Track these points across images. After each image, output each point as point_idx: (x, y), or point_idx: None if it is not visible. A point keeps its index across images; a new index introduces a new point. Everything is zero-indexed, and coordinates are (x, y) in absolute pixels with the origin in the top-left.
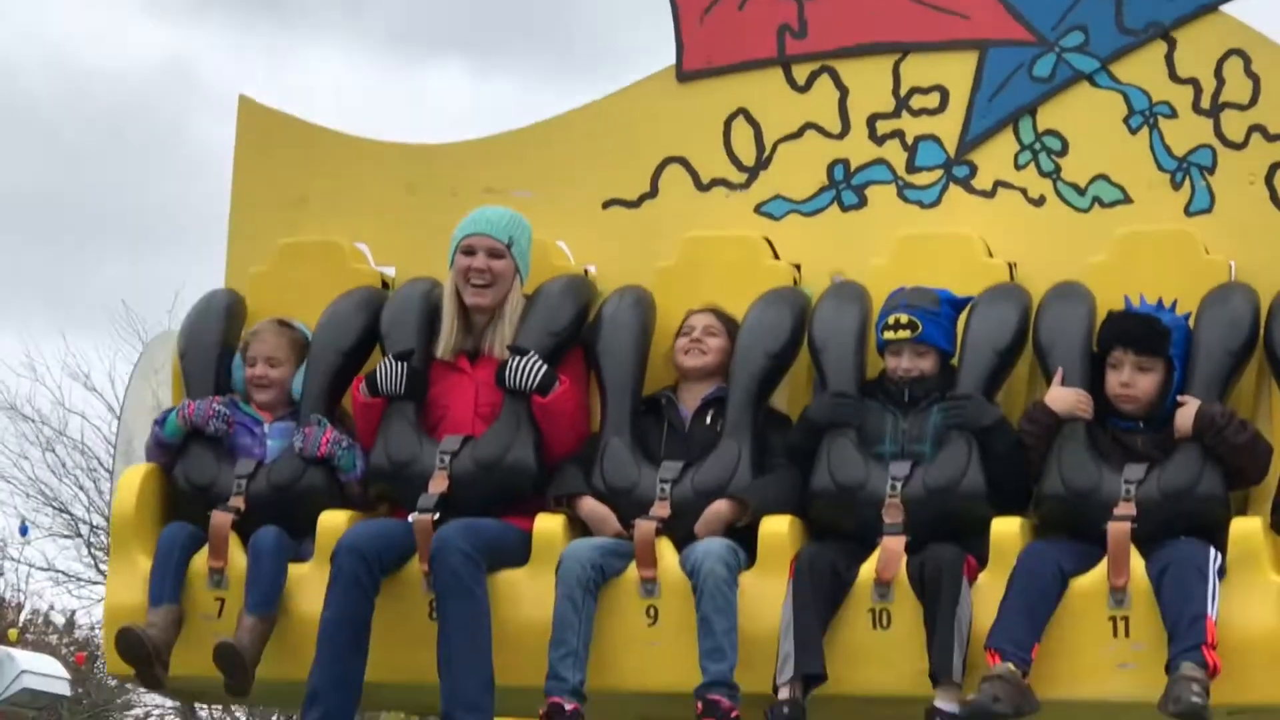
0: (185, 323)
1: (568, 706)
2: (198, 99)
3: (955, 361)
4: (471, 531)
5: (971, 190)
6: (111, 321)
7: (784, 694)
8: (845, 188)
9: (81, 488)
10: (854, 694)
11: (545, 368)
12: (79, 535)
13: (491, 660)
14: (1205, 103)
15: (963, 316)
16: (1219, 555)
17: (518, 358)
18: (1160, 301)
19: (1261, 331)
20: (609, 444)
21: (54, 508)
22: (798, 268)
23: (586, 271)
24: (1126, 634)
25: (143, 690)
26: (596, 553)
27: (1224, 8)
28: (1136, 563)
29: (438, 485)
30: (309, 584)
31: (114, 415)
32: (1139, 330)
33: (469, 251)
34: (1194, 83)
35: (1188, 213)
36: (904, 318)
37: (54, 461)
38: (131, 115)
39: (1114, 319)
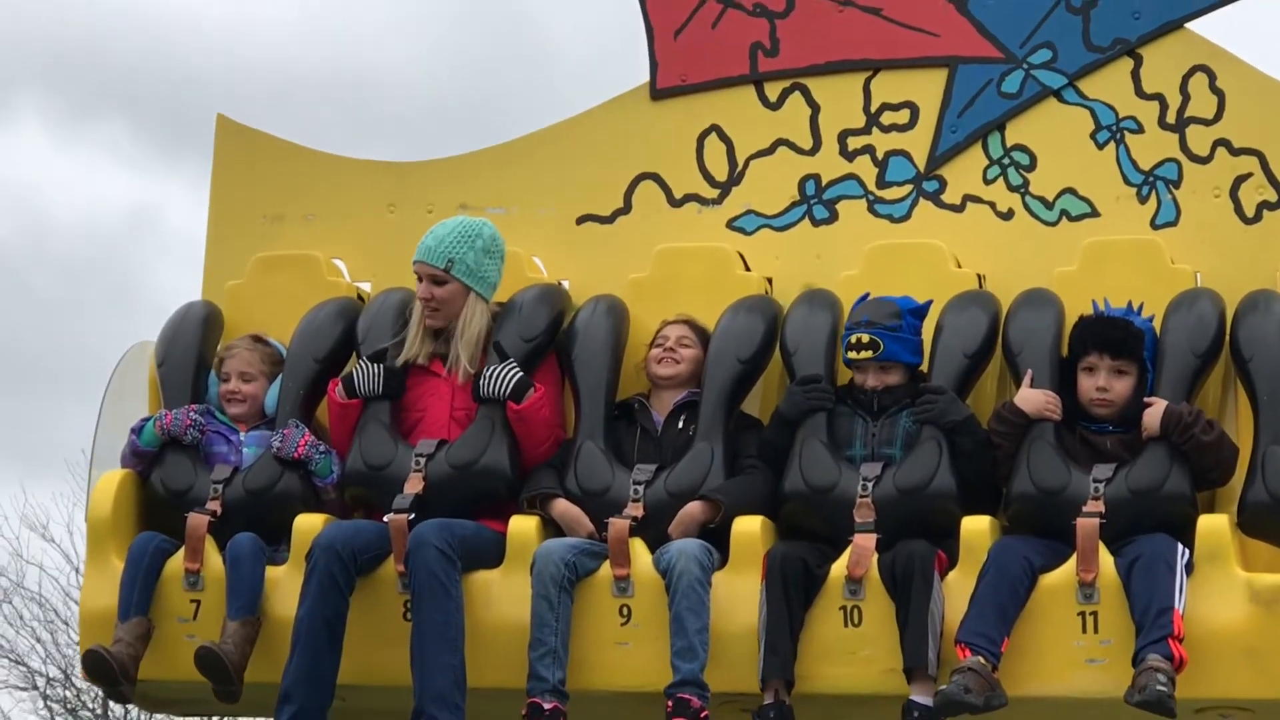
0: (162, 333)
1: (547, 706)
2: (163, 249)
3: (924, 368)
4: (447, 529)
5: (941, 204)
6: (71, 472)
7: (769, 697)
8: (816, 202)
9: (39, 639)
10: (827, 692)
11: (520, 374)
12: (35, 688)
13: (464, 658)
14: (1171, 118)
15: (932, 321)
16: (1187, 551)
17: (494, 365)
18: (1130, 304)
19: (1227, 335)
20: (583, 447)
21: (10, 660)
22: (769, 281)
23: (560, 285)
24: (1095, 630)
25: None
26: (570, 551)
27: (1189, 25)
28: (1105, 559)
29: (413, 486)
30: (285, 587)
31: (72, 567)
32: (1115, 334)
33: (418, 277)
34: (1160, 98)
35: (1154, 225)
36: (865, 337)
37: (10, 613)
38: (96, 265)
39: (1088, 323)
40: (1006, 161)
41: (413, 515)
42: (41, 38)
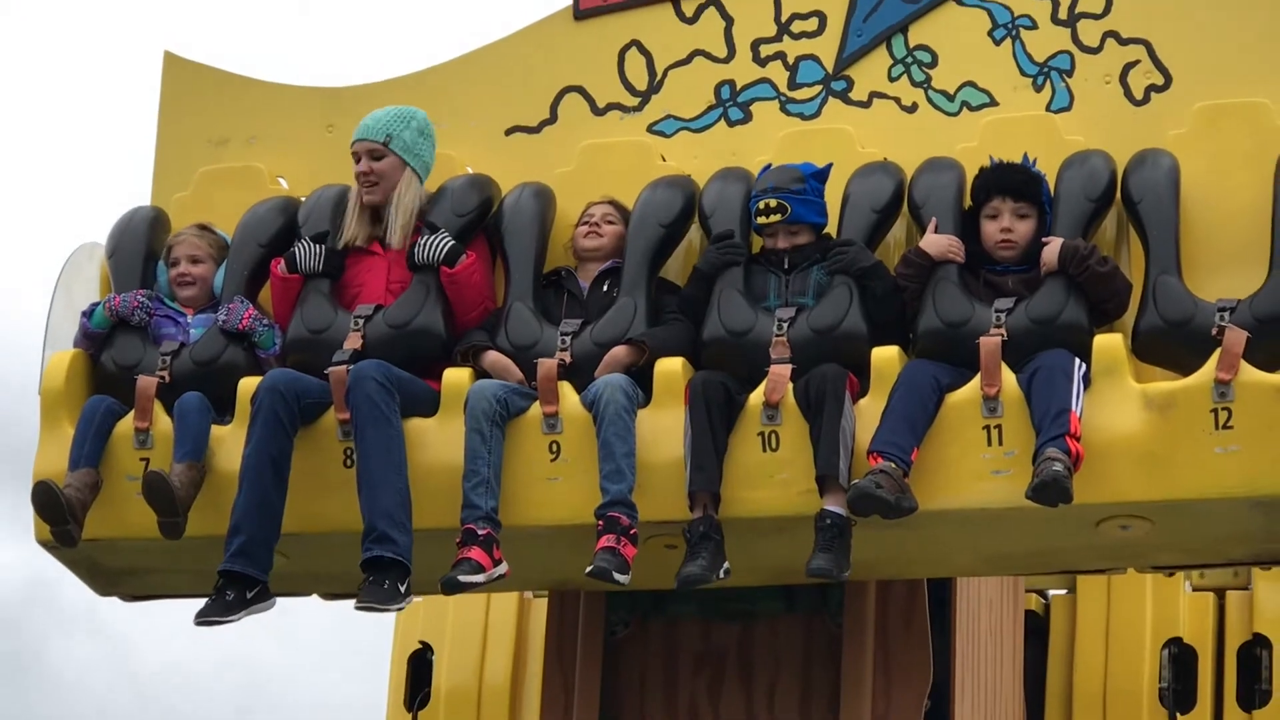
0: (112, 230)
1: (480, 531)
2: (57, 621)
3: (830, 231)
4: (385, 367)
5: (849, 101)
6: None
7: (697, 512)
8: (731, 105)
9: None
10: (747, 515)
11: (452, 242)
12: None
13: (408, 481)
14: (1063, 14)
15: (840, 188)
16: (1084, 365)
17: (428, 233)
18: (1025, 155)
19: (1119, 186)
20: (512, 308)
21: None
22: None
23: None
24: (1000, 442)
25: None
26: (502, 389)
27: None
28: (1008, 375)
29: (351, 343)
30: (231, 443)
31: None
32: (1016, 177)
33: (356, 159)
34: None
35: (1049, 110)
36: (772, 202)
37: None
38: None
39: (989, 170)
40: (910, 60)
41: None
42: None
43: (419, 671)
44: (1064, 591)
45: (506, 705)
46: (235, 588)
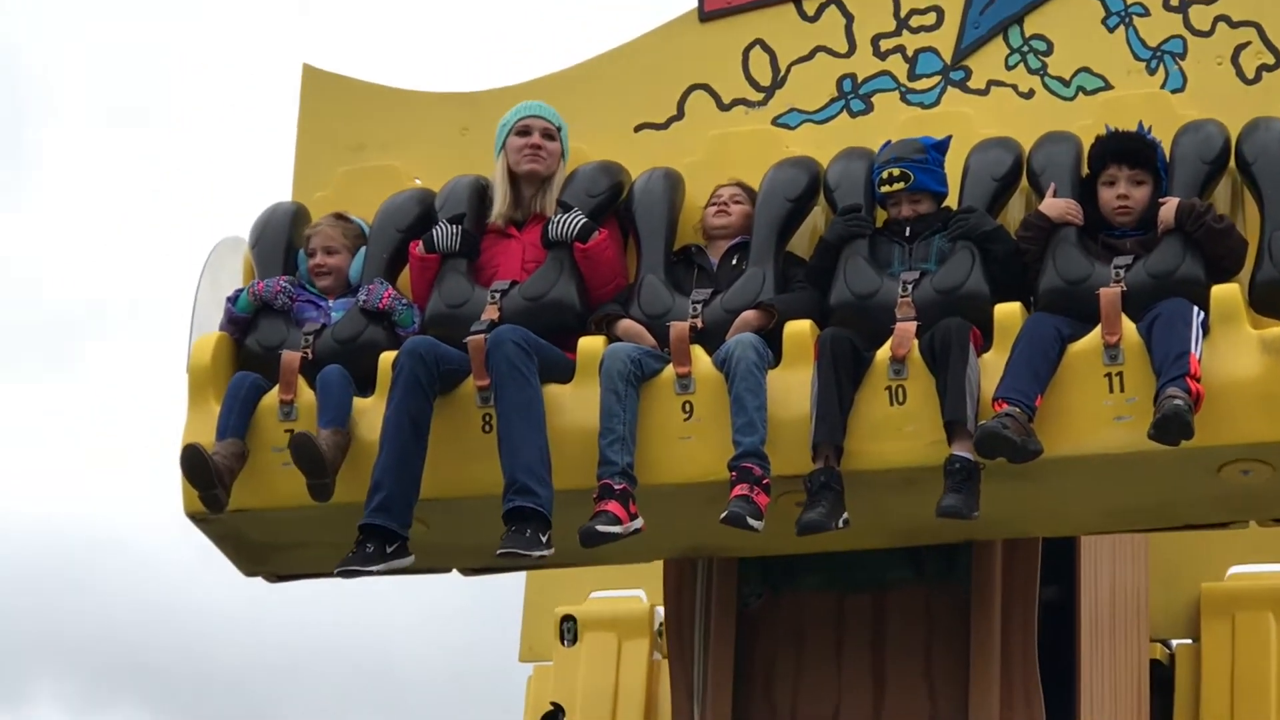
0: (255, 223)
1: (616, 486)
2: None
3: (950, 204)
4: (523, 331)
5: (967, 90)
6: None
7: (819, 463)
8: (853, 97)
9: None
10: (874, 468)
11: (585, 219)
12: None
13: (547, 438)
14: (1174, 1)
15: (961, 157)
16: (1202, 312)
17: (561, 212)
18: (1140, 124)
19: (1233, 151)
20: (644, 280)
21: None
22: None
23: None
24: (1121, 389)
25: None
26: (636, 351)
27: None
28: (1128, 324)
29: (489, 314)
30: (372, 415)
31: None
32: (1132, 144)
33: (525, 132)
34: None
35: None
36: (895, 170)
37: None
38: None
39: (1105, 138)
40: (1025, 49)
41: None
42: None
43: None
44: (1189, 641)
45: None
46: (375, 541)
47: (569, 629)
